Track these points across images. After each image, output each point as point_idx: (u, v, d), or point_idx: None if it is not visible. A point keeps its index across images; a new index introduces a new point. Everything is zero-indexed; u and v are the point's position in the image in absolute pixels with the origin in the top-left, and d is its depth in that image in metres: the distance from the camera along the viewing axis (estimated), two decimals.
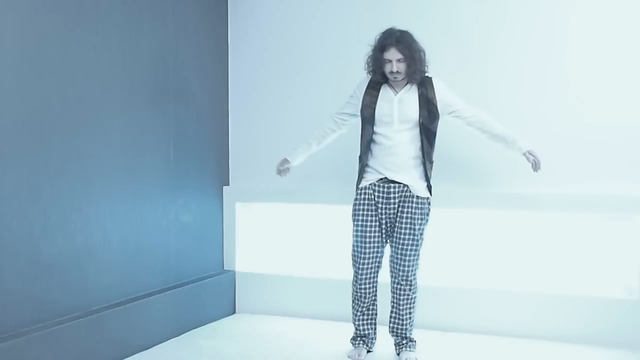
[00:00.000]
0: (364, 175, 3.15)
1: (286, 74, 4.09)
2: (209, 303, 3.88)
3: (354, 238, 3.17)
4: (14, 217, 2.65)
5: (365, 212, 3.13)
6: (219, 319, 3.95)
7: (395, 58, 3.00)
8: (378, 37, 3.09)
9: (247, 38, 4.18)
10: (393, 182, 3.08)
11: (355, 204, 3.16)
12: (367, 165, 3.14)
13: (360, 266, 3.16)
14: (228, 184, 4.25)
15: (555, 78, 3.51)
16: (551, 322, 3.46)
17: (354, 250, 3.18)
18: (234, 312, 4.14)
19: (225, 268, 4.20)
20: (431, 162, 3.13)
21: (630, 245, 3.37)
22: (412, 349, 3.17)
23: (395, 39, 3.00)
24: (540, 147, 3.49)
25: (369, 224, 3.12)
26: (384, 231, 3.15)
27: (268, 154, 4.10)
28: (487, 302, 3.58)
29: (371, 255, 3.14)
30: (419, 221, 3.09)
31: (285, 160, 3.33)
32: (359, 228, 3.14)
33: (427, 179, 3.12)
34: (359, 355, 3.17)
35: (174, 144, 3.66)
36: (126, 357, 3.13)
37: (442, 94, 3.10)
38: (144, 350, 3.26)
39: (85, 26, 3.02)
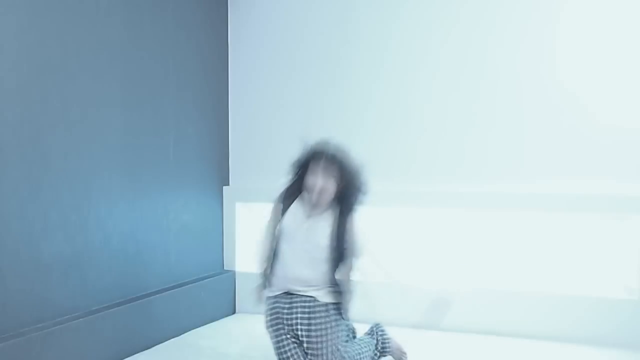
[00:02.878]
0: (272, 280, 2.75)
1: (286, 73, 4.08)
2: (209, 303, 3.88)
3: (275, 354, 2.77)
4: (14, 217, 2.65)
5: (276, 328, 2.73)
6: (219, 319, 3.94)
7: (320, 185, 2.59)
8: (307, 150, 2.68)
9: (247, 37, 4.18)
10: (297, 294, 2.69)
11: (265, 317, 2.78)
12: (273, 267, 2.74)
13: None
14: (228, 184, 4.24)
15: (553, 77, 3.50)
16: (551, 322, 3.45)
17: None
18: (234, 312, 4.14)
19: (225, 268, 4.20)
20: (343, 289, 2.67)
21: (630, 245, 3.37)
22: None
23: (324, 163, 2.59)
24: (539, 147, 3.51)
25: (282, 337, 2.71)
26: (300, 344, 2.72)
27: (268, 154, 4.11)
28: (487, 302, 3.57)
29: None
30: (330, 330, 2.65)
31: None
32: (275, 345, 2.74)
33: (337, 290, 2.67)
34: None
35: (174, 143, 3.66)
36: (126, 357, 3.12)
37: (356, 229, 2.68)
38: (144, 350, 3.26)
39: (85, 26, 3.01)
